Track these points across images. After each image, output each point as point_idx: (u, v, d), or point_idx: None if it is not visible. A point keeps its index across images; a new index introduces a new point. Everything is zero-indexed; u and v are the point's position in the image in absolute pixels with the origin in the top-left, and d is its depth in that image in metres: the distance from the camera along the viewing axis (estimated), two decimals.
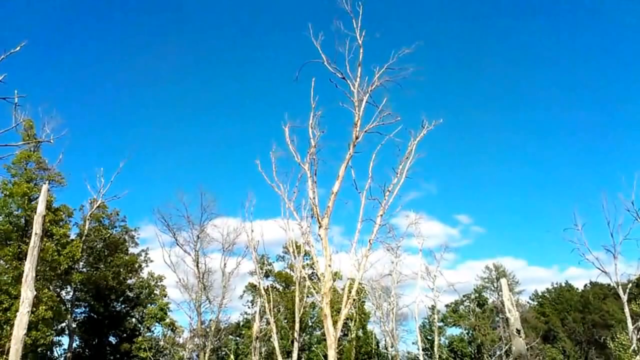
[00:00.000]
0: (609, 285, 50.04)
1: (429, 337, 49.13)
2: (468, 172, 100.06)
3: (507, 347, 27.85)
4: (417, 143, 24.71)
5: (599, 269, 30.13)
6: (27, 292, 17.40)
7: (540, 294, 67.98)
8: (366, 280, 38.51)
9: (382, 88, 22.35)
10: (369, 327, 49.10)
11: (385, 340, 43.83)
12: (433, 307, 44.80)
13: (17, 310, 18.13)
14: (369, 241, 23.93)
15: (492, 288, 58.71)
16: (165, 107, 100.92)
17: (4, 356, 20.51)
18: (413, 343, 51.50)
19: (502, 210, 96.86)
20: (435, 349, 40.31)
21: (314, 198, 23.96)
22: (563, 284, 67.90)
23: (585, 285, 66.44)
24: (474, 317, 54.14)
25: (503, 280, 13.44)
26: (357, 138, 23.49)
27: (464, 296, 57.41)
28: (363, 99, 22.35)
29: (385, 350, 43.98)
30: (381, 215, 24.01)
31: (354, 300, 24.80)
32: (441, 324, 53.74)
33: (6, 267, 26.93)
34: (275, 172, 27.57)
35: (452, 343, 53.64)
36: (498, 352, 29.57)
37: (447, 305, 57.90)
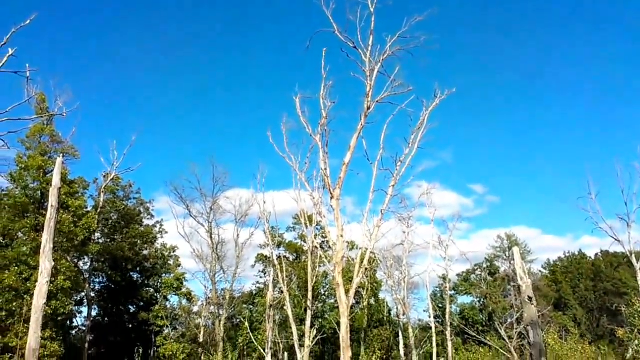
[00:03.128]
0: (622, 253, 49.90)
1: (440, 305, 49.65)
2: (483, 141, 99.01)
3: (518, 314, 28.02)
4: (430, 113, 24.46)
5: (613, 237, 29.93)
6: (45, 263, 17.80)
7: (552, 262, 68.05)
8: (378, 250, 38.84)
9: (394, 57, 21.99)
10: (381, 295, 49.76)
11: (396, 308, 44.38)
12: (445, 276, 45.14)
13: (36, 281, 18.59)
14: (381, 211, 24.01)
15: (504, 257, 58.87)
16: (176, 79, 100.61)
17: (26, 325, 21.15)
18: (424, 311, 52.22)
19: (517, 180, 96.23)
20: (447, 316, 40.78)
21: (325, 169, 23.98)
22: (576, 253, 67.83)
23: (597, 254, 66.33)
24: (486, 286, 54.48)
25: (515, 249, 13.46)
26: (368, 108, 23.30)
27: (475, 265, 57.71)
28: (375, 68, 22.04)
29: (396, 318, 44.56)
30: (393, 186, 24.00)
31: (365, 269, 25.07)
32: (453, 292, 54.17)
33: (24, 238, 27.52)
34: (287, 144, 27.54)
35: (463, 311, 54.18)
36: (509, 320, 29.81)
37: (458, 274, 58.31)
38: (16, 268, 25.52)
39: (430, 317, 40.55)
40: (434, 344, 37.27)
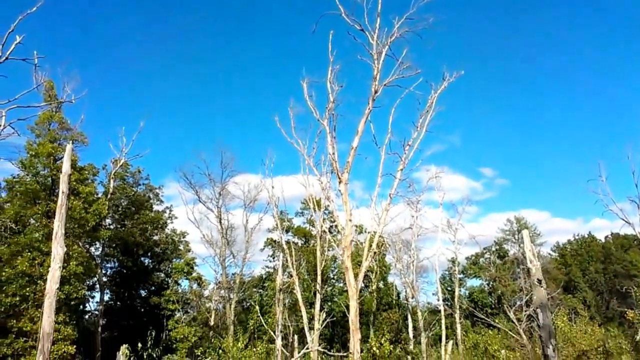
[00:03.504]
0: (632, 235, 49.58)
1: (449, 289, 49.81)
2: (492, 124, 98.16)
3: (527, 297, 28.02)
4: (438, 96, 24.27)
5: (623, 219, 29.72)
6: (57, 249, 18.01)
7: (561, 245, 67.85)
8: (386, 234, 38.88)
9: (401, 40, 21.76)
10: (390, 279, 49.99)
11: (405, 291, 44.58)
12: (453, 260, 45.21)
13: (49, 266, 18.85)
14: (389, 195, 24.00)
15: (513, 240, 58.82)
16: (182, 65, 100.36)
17: (39, 309, 21.51)
18: (433, 294, 52.43)
19: (527, 163, 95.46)
20: (456, 299, 40.95)
21: (333, 154, 23.95)
22: (585, 236, 67.55)
23: (607, 237, 66.00)
24: (495, 269, 54.51)
25: (525, 232, 13.40)
26: (376, 92, 23.15)
27: (484, 249, 57.73)
28: (382, 51, 21.84)
29: (405, 301, 44.79)
30: (401, 170, 23.94)
31: (374, 253, 25.18)
32: (461, 275, 54.29)
33: (36, 225, 27.85)
34: (294, 128, 27.50)
35: (472, 294, 54.33)
36: (518, 303, 29.82)
37: (467, 258, 58.38)
38: (29, 254, 25.88)
39: (439, 300, 40.71)
40: (443, 327, 37.46)
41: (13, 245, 26.11)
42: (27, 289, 25.13)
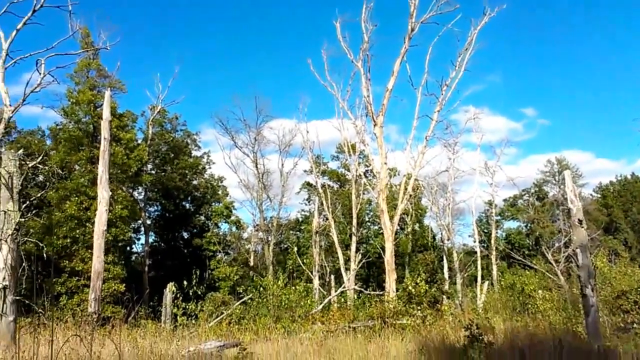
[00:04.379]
0: None
1: (485, 231, 49.67)
2: (535, 62, 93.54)
3: (566, 238, 27.67)
4: (478, 32, 23.31)
5: None
6: (102, 193, 18.77)
7: (603, 186, 65.99)
8: (422, 177, 38.63)
9: None
10: (425, 221, 50.13)
11: (441, 233, 44.74)
12: (490, 202, 44.79)
13: (96, 210, 19.74)
14: (425, 138, 23.73)
15: (554, 182, 57.48)
16: (214, 9, 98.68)
17: (90, 250, 22.70)
18: (469, 236, 52.40)
19: (570, 102, 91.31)
20: (492, 241, 40.88)
21: (368, 96, 23.63)
22: (629, 176, 65.32)
23: None
24: (533, 211, 53.78)
25: (566, 172, 13.04)
26: (412, 30, 22.39)
27: (523, 190, 56.72)
28: None
29: (441, 243, 45.06)
30: (438, 111, 23.50)
31: (409, 196, 25.18)
32: (498, 217, 53.82)
33: (82, 170, 28.95)
34: (328, 71, 27.15)
35: (509, 236, 54.05)
36: (557, 244, 29.51)
37: (505, 200, 57.63)
38: (76, 198, 27.08)
39: (475, 242, 40.74)
40: (479, 268, 37.68)
41: (61, 190, 27.33)
42: (77, 231, 26.48)
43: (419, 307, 14.78)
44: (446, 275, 40.02)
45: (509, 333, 12.21)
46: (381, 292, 22.13)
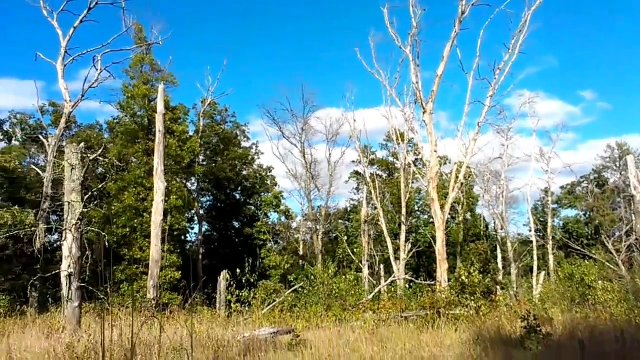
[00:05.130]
0: None
1: (541, 220, 47.94)
2: (594, 42, 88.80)
3: (628, 227, 26.37)
4: (533, 13, 22.41)
5: None
6: (158, 183, 19.42)
7: None
8: (474, 165, 37.74)
9: None
10: (478, 210, 49.02)
11: (494, 223, 43.64)
12: (547, 190, 43.21)
13: (152, 200, 20.48)
14: (478, 124, 23.10)
15: (614, 168, 54.69)
16: (260, 1, 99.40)
17: (147, 239, 23.60)
18: (524, 225, 50.84)
19: (632, 84, 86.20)
20: (549, 230, 39.47)
21: (417, 83, 23.20)
22: None
23: None
24: (592, 198, 51.46)
25: (629, 157, 12.40)
26: (463, 13, 21.79)
27: (581, 177, 54.38)
28: None
29: (494, 233, 43.96)
30: (491, 96, 22.82)
31: (461, 184, 24.64)
32: (555, 205, 51.85)
33: (138, 162, 30.08)
34: (375, 59, 26.87)
35: (566, 224, 52.02)
36: (618, 233, 28.19)
37: (562, 187, 55.43)
38: (134, 189, 28.19)
39: (530, 231, 39.50)
40: (535, 258, 36.52)
41: (120, 182, 28.53)
42: (135, 220, 27.59)
43: (472, 298, 14.49)
44: (500, 265, 39.05)
45: (568, 324, 11.78)
46: (432, 282, 21.84)
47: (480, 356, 8.52)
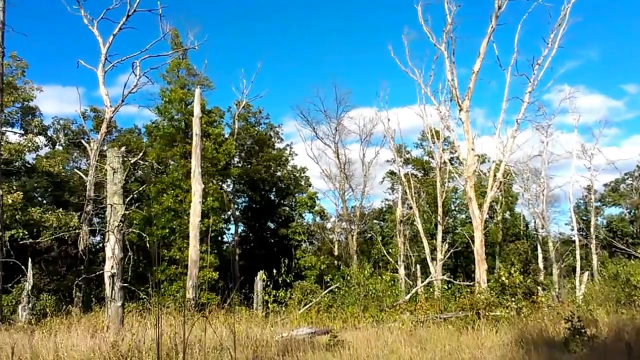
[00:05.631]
0: None
1: (584, 218, 46.50)
2: (636, 34, 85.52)
3: None
4: (572, 5, 21.75)
5: None
6: (196, 185, 19.77)
7: None
8: (513, 162, 36.88)
9: None
10: (517, 209, 47.93)
11: (534, 222, 42.57)
12: (589, 187, 41.88)
13: (190, 202, 20.86)
14: (516, 121, 22.60)
15: None
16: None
17: (186, 240, 24.06)
18: (566, 224, 49.47)
19: None
20: (592, 229, 38.24)
21: (452, 80, 22.89)
22: None
23: None
24: (637, 196, 49.55)
25: None
26: (499, 8, 21.36)
27: (626, 174, 52.33)
28: None
29: (535, 232, 42.86)
30: (530, 92, 22.31)
31: (499, 183, 24.12)
32: (598, 204, 50.12)
33: (176, 165, 30.71)
34: (409, 57, 26.63)
35: (610, 223, 50.23)
36: None
37: (605, 185, 53.52)
38: (172, 191, 28.79)
39: (572, 230, 38.31)
40: (578, 258, 35.40)
41: (158, 184, 29.19)
42: (174, 222, 28.17)
43: (513, 299, 14.15)
44: (541, 265, 38.07)
45: (614, 326, 11.38)
46: (471, 283, 21.46)
47: (523, 358, 8.33)
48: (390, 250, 36.51)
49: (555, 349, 8.93)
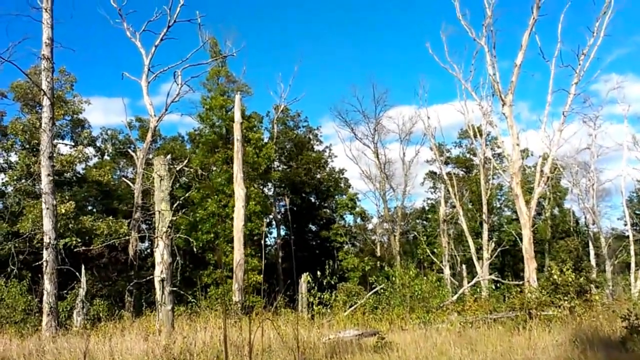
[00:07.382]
0: None
1: (638, 212, 44.46)
2: None
3: None
4: None
5: None
6: (239, 190, 20.08)
7: None
8: (560, 157, 35.68)
9: None
10: (566, 205, 46.35)
11: (585, 217, 41.03)
12: None
13: (233, 206, 21.22)
14: (563, 114, 21.89)
15: None
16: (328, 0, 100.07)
17: (230, 244, 24.44)
18: (619, 219, 47.33)
19: None
20: None
21: (494, 74, 22.40)
22: None
23: None
24: None
25: None
26: None
27: None
28: None
29: (585, 228, 41.30)
30: (576, 84, 21.56)
31: (547, 178, 23.39)
32: None
33: (218, 171, 31.29)
34: (447, 53, 26.20)
35: None
36: None
37: None
38: (215, 197, 29.35)
39: (626, 225, 36.73)
40: (632, 253, 33.86)
41: (202, 190, 29.81)
42: (218, 226, 28.70)
43: (565, 298, 13.65)
44: (593, 262, 36.67)
45: None
46: (520, 282, 20.86)
47: (578, 358, 8.03)
48: (434, 250, 35.98)
49: (612, 348, 8.59)
